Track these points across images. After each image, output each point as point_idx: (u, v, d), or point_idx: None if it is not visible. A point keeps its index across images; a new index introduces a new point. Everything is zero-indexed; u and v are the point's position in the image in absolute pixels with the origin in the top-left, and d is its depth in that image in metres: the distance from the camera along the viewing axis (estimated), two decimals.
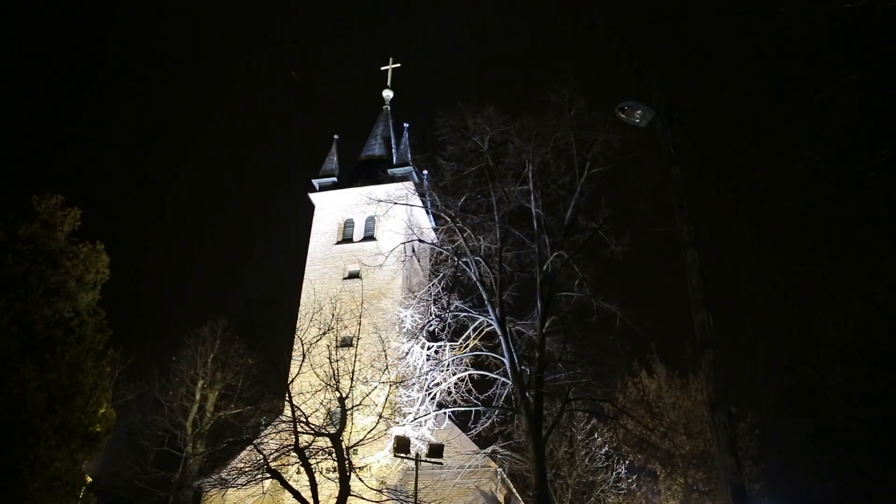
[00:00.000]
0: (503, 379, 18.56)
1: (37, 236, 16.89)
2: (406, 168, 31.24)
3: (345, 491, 12.51)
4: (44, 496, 13.93)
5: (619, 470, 32.93)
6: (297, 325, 16.16)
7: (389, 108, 37.32)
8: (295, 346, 14.93)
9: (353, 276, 28.61)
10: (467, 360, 19.20)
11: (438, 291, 19.79)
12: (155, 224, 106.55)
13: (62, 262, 16.90)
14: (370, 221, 30.68)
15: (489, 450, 20.84)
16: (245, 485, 13.46)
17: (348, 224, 31.43)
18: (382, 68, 37.99)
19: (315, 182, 32.90)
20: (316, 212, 32.12)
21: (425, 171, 26.36)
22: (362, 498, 14.29)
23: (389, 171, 31.23)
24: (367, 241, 29.86)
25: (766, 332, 71.58)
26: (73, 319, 16.75)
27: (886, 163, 9.15)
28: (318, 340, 14.34)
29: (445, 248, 20.54)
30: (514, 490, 27.39)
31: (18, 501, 13.20)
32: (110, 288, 18.08)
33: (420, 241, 22.72)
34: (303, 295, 26.84)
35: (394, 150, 35.03)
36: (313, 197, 32.44)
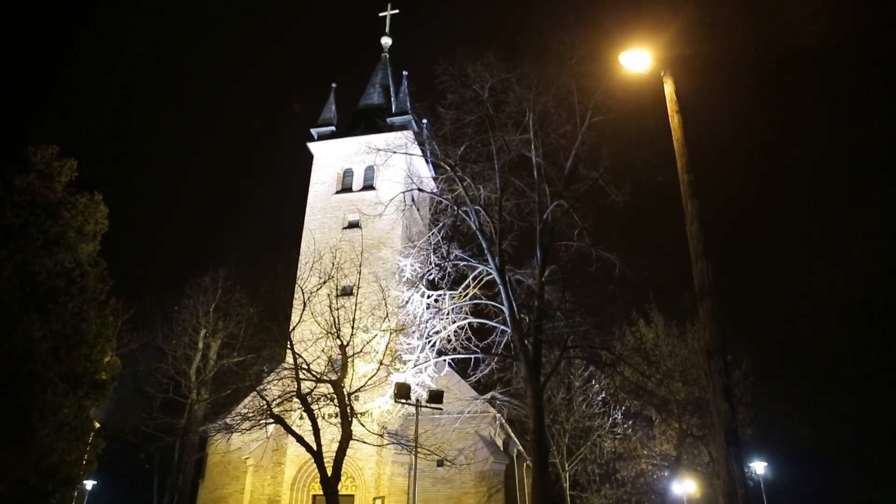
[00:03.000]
0: (502, 327, 18.77)
1: (34, 187, 16.79)
2: (405, 117, 30.87)
3: (347, 435, 12.80)
4: (54, 441, 14.25)
5: (616, 416, 33.67)
6: (298, 275, 16.22)
7: (388, 56, 36.64)
8: (296, 296, 15.03)
9: (353, 225, 28.63)
10: (467, 309, 19.38)
11: (438, 240, 19.82)
12: (153, 175, 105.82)
13: (61, 213, 16.84)
14: (369, 171, 30.49)
15: (488, 396, 21.25)
16: (249, 430, 13.77)
17: (347, 174, 31.25)
18: (381, 14, 37.13)
19: (314, 131, 32.55)
20: (315, 161, 31.89)
21: (425, 120, 26.07)
22: (364, 442, 14.64)
23: (388, 119, 30.89)
24: (367, 191, 29.75)
25: (765, 282, 72.00)
26: (74, 270, 16.80)
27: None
28: (318, 289, 14.43)
29: (445, 197, 20.47)
30: (512, 435, 28.05)
31: (30, 446, 13.50)
32: (110, 239, 18.07)
33: (420, 190, 22.62)
34: (303, 244, 26.90)
35: (393, 99, 34.53)
36: (312, 146, 32.16)
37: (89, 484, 26.17)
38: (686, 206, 9.01)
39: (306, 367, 13.36)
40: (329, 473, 12.52)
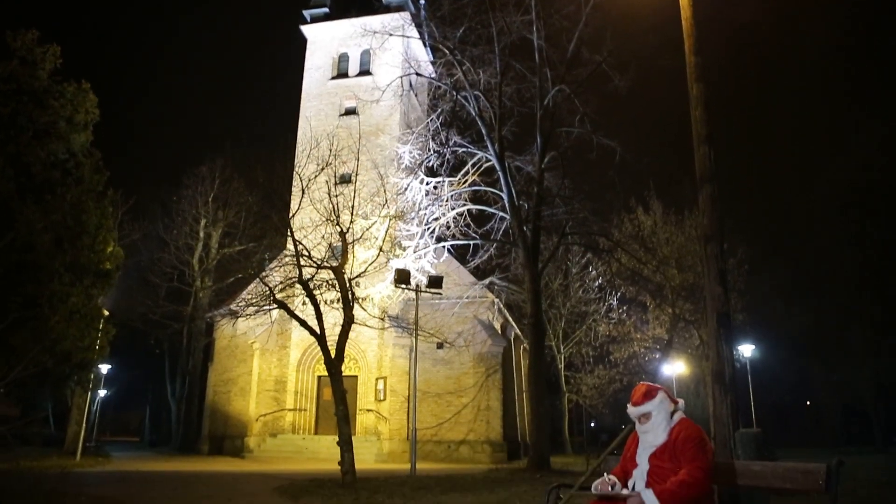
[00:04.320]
0: (501, 214, 18.85)
1: (18, 74, 16.20)
2: None
3: (348, 319, 13.15)
4: (65, 328, 14.65)
5: (611, 301, 34.61)
6: (296, 162, 16.06)
7: None
8: (294, 183, 14.94)
9: (350, 112, 28.01)
10: (466, 195, 19.39)
11: (437, 127, 19.50)
12: (141, 65, 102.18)
13: (48, 102, 16.38)
14: (365, 55, 29.42)
15: (487, 281, 21.71)
16: (253, 315, 14.11)
17: (343, 58, 30.16)
18: None
19: (306, 13, 31.02)
20: (308, 45, 30.66)
21: (422, 0, 24.82)
22: (366, 325, 15.08)
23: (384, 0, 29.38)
24: (363, 76, 28.84)
25: (766, 172, 71.56)
26: (68, 161, 16.57)
27: None
28: (316, 177, 14.31)
29: (444, 82, 19.92)
30: (510, 319, 28.90)
31: (43, 333, 13.91)
32: (103, 130, 17.71)
33: (418, 74, 21.97)
34: (299, 132, 26.45)
35: None
36: (305, 30, 30.80)
37: (104, 368, 27.21)
38: (691, 89, 8.78)
39: (307, 253, 13.50)
40: (332, 355, 12.98)
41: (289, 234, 13.84)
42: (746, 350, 29.08)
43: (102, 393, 36.95)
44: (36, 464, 16.80)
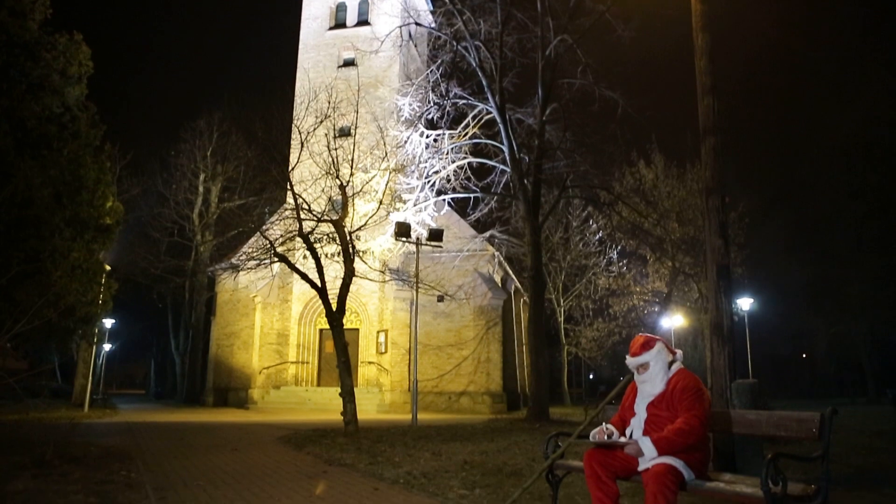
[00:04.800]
0: (502, 167, 18.72)
1: (7, 25, 15.84)
2: None
3: (349, 272, 13.19)
4: (68, 283, 14.68)
5: (611, 255, 34.73)
6: (294, 115, 15.85)
7: None
8: (293, 136, 14.80)
9: (349, 63, 27.54)
10: (466, 148, 19.22)
11: (437, 78, 19.19)
12: (136, 15, 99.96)
13: (40, 54, 16.04)
14: (363, 4, 28.79)
15: (487, 234, 21.70)
16: (255, 268, 14.15)
17: (340, 8, 29.48)
18: None
19: None
20: None
21: None
22: (367, 278, 15.14)
23: None
24: (362, 27, 28.24)
25: (769, 123, 70.71)
26: (64, 115, 16.34)
27: None
28: (315, 129, 14.14)
29: (444, 32, 19.51)
30: (510, 272, 29.02)
31: (46, 287, 13.95)
32: (98, 83, 17.41)
33: (417, 24, 21.48)
34: (297, 84, 26.04)
35: None
36: None
37: (108, 322, 27.49)
38: (696, 39, 8.59)
39: (307, 207, 13.45)
40: (334, 308, 13.07)
41: (288, 187, 13.77)
42: (745, 303, 29.30)
43: (107, 347, 37.39)
44: (45, 415, 17.13)
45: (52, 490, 6.00)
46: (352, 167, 14.01)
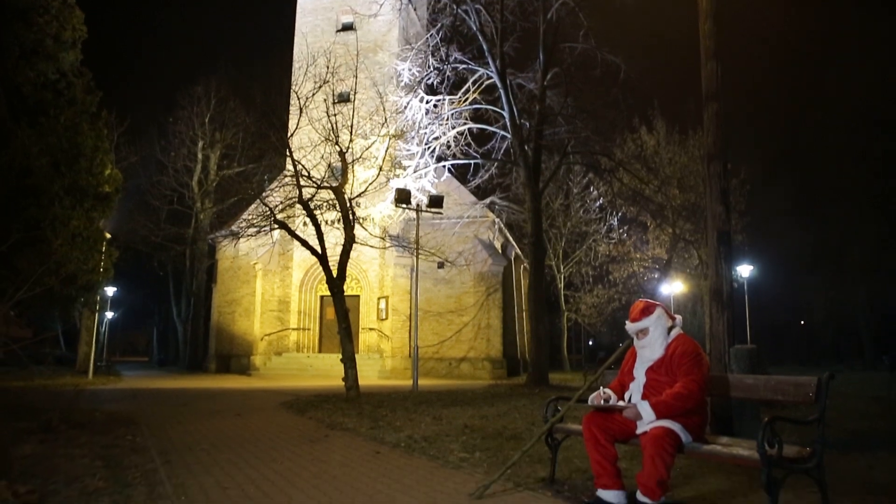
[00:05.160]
0: (502, 132, 18.57)
1: None
2: None
3: (349, 239, 13.18)
4: (69, 251, 14.68)
5: (612, 221, 34.67)
6: (293, 80, 15.66)
7: None
8: (291, 102, 14.65)
9: (347, 27, 27.12)
10: (466, 114, 19.04)
11: (437, 43, 18.90)
12: None
13: (33, 18, 15.78)
14: None
15: (487, 201, 21.62)
16: (255, 235, 14.13)
17: None
18: None
19: None
20: None
21: None
22: (367, 245, 15.13)
23: None
24: None
25: (773, 89, 69.83)
26: (59, 81, 16.15)
27: None
28: (314, 95, 13.98)
29: None
30: (510, 238, 29.02)
31: (47, 255, 13.95)
32: (92, 49, 17.17)
33: None
34: (295, 48, 25.66)
35: None
36: None
37: (110, 290, 27.61)
38: (701, 1, 8.45)
39: (307, 173, 13.38)
40: (334, 275, 13.10)
41: (288, 154, 13.68)
42: (744, 270, 29.37)
43: (110, 315, 37.65)
44: (50, 382, 17.31)
45: (60, 454, 6.09)
46: (351, 133, 13.90)
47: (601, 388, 4.44)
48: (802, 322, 58.40)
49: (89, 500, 4.27)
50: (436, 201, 17.23)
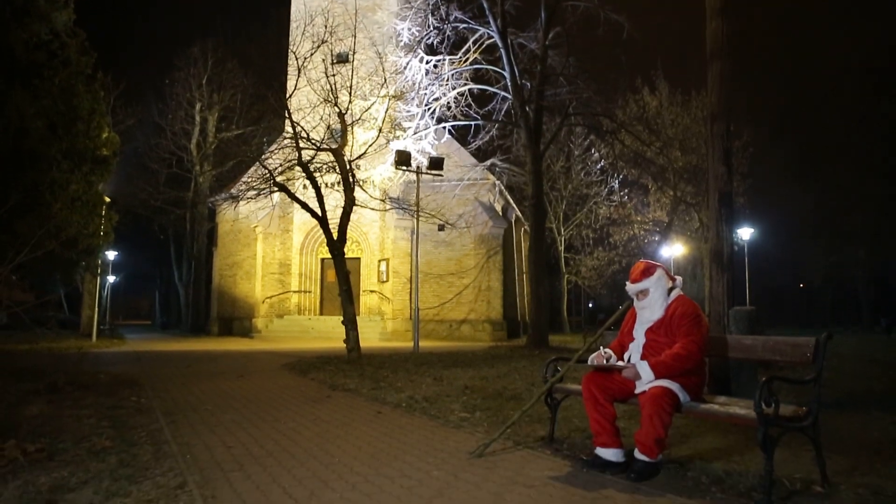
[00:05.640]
0: (503, 93, 18.35)
1: None
2: None
3: (349, 201, 13.14)
4: (68, 215, 14.64)
5: (613, 184, 34.47)
6: (290, 40, 15.41)
7: None
8: (289, 62, 14.44)
9: None
10: (467, 75, 18.77)
11: (436, 1, 18.53)
12: None
13: None
14: None
15: (488, 163, 21.49)
16: (254, 198, 14.07)
17: None
18: None
19: None
20: None
21: None
22: (367, 207, 15.08)
23: None
24: None
25: (778, 49, 68.64)
26: (52, 42, 15.85)
27: None
28: (312, 55, 13.76)
29: None
30: (511, 201, 28.93)
31: (46, 219, 13.92)
32: (86, 9, 16.83)
33: None
34: (292, 7, 25.19)
35: None
36: None
37: (111, 254, 27.65)
38: None
39: (306, 135, 13.27)
40: (335, 237, 13.09)
41: (286, 115, 13.54)
42: (745, 233, 29.36)
43: (112, 278, 37.76)
44: (55, 345, 17.48)
45: (66, 414, 6.18)
46: (350, 94, 13.73)
47: (601, 347, 4.48)
48: (801, 285, 58.63)
49: (97, 459, 4.35)
50: (436, 163, 17.11)
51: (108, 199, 18.35)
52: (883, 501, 3.31)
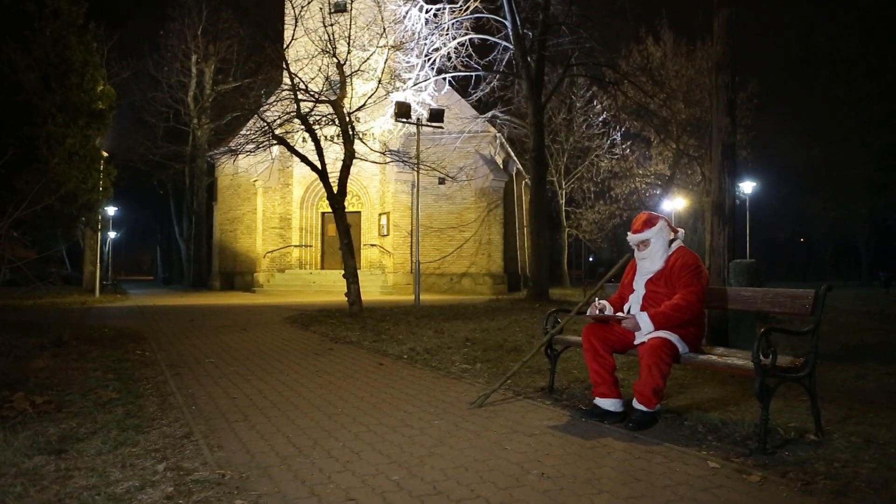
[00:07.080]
0: (504, 43, 17.99)
1: None
2: None
3: (349, 154, 13.03)
4: (66, 170, 14.55)
5: (615, 136, 34.19)
6: None
7: None
8: (286, 11, 14.10)
9: None
10: (468, 24, 18.36)
11: None
12: None
13: None
14: None
15: (489, 115, 21.20)
16: (253, 151, 13.93)
17: None
18: None
19: None
20: None
21: None
22: (367, 160, 14.96)
23: None
24: None
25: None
26: None
27: None
28: (309, 3, 13.45)
29: None
30: (511, 154, 28.71)
31: (44, 174, 13.85)
32: None
33: None
34: None
35: None
36: None
37: (111, 210, 27.58)
38: None
39: (304, 87, 13.05)
40: (335, 191, 13.03)
41: (284, 66, 13.30)
42: (747, 187, 29.22)
43: (112, 234, 37.78)
44: (58, 300, 17.58)
45: (72, 368, 6.26)
46: (349, 45, 13.46)
47: (597, 299, 4.50)
48: (802, 239, 58.62)
49: (104, 410, 4.43)
50: (436, 115, 16.89)
51: (105, 154, 18.20)
52: (875, 448, 3.38)
